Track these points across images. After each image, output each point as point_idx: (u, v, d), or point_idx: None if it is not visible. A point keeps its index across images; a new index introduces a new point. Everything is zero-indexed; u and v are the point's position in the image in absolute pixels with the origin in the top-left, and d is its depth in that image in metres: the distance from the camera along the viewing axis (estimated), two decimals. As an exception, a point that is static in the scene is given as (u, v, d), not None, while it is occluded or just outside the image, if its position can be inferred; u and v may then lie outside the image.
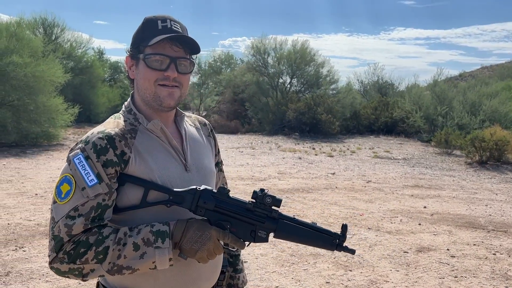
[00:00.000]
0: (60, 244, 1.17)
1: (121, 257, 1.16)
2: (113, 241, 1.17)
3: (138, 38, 1.31)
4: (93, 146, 1.21)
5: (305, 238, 1.29)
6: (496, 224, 5.90)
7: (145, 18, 1.33)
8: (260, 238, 1.27)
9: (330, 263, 4.31)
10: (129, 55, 1.33)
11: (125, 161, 1.23)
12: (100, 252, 1.16)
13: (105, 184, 1.20)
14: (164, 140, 1.33)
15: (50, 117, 12.95)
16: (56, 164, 9.60)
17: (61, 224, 1.17)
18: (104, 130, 1.25)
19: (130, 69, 1.34)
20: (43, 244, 4.54)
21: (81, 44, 23.33)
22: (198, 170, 1.38)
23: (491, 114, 16.46)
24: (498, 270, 4.27)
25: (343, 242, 1.31)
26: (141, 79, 1.30)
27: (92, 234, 1.18)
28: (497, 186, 8.72)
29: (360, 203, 6.88)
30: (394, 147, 14.91)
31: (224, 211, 1.26)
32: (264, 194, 1.26)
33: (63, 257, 1.17)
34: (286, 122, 18.17)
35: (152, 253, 1.17)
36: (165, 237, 1.18)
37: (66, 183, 1.20)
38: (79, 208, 1.18)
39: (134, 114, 1.33)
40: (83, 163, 1.19)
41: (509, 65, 55.91)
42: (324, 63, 21.04)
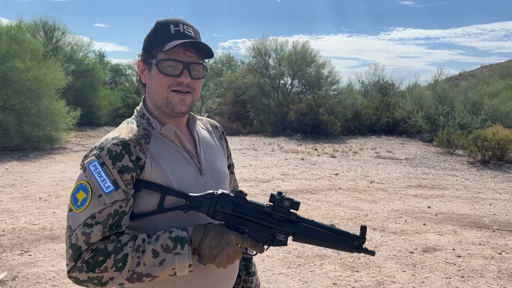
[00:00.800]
0: (78, 252, 1.15)
1: (141, 265, 1.15)
2: (132, 248, 1.16)
3: (150, 42, 1.30)
4: (108, 152, 1.20)
5: (324, 240, 1.29)
6: (501, 223, 5.89)
7: (157, 21, 1.31)
8: (279, 241, 1.26)
9: (337, 264, 4.31)
10: (141, 59, 1.32)
11: (140, 167, 1.22)
12: (119, 260, 1.15)
13: (122, 191, 1.19)
14: (178, 144, 1.32)
15: (52, 121, 12.97)
16: (59, 168, 9.61)
17: (79, 232, 1.15)
18: (119, 136, 1.24)
19: (142, 74, 1.33)
20: (48, 248, 4.55)
21: (82, 47, 23.36)
22: (212, 173, 1.38)
23: (492, 114, 16.46)
24: (504, 269, 4.26)
25: (362, 243, 1.29)
26: (153, 85, 1.29)
27: (110, 242, 1.16)
28: (500, 185, 8.70)
29: (364, 204, 6.87)
30: (396, 147, 14.90)
31: (242, 215, 1.25)
32: (282, 197, 1.25)
33: (81, 266, 1.15)
34: (288, 123, 18.18)
35: (172, 259, 1.16)
36: (184, 243, 1.17)
37: (82, 190, 1.18)
38: (96, 216, 1.16)
39: (147, 119, 1.32)
40: (99, 169, 1.18)
41: (509, 64, 55.86)
42: (325, 64, 21.05)
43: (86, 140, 15.35)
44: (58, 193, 7.06)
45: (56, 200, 6.60)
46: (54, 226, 5.28)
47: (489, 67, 62.23)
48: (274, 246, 1.27)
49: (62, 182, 7.99)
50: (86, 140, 15.35)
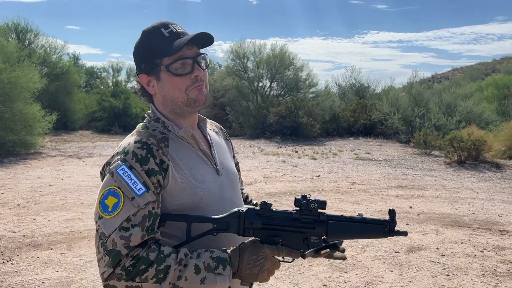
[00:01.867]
0: (117, 258, 1.11)
1: (182, 279, 1.13)
2: (175, 260, 1.13)
3: (148, 53, 1.28)
4: (134, 155, 1.19)
5: (357, 233, 1.29)
6: (480, 222, 6.05)
7: (143, 32, 1.31)
8: (313, 243, 1.26)
9: (325, 265, 4.34)
10: (144, 72, 1.30)
11: (164, 170, 1.22)
12: (161, 271, 1.12)
13: (152, 192, 1.17)
14: (194, 146, 1.33)
15: (27, 125, 12.63)
16: (35, 173, 9.36)
17: (115, 237, 1.12)
18: (141, 140, 1.23)
19: (148, 86, 1.31)
20: (31, 256, 4.42)
21: (55, 50, 22.88)
22: (227, 173, 1.39)
23: (466, 115, 16.92)
24: (487, 267, 4.38)
25: (394, 227, 1.29)
26: (170, 90, 1.28)
27: (152, 251, 1.13)
28: (477, 185, 8.95)
29: (347, 205, 6.95)
30: (374, 148, 15.14)
31: (272, 226, 1.24)
32: (308, 200, 1.25)
33: (121, 273, 1.11)
34: (267, 126, 18.23)
35: (213, 279, 1.14)
36: (226, 264, 1.16)
37: (112, 196, 1.16)
38: (132, 219, 1.13)
39: (163, 123, 1.32)
40: (128, 172, 1.16)
41: (478, 66, 57.66)
42: (303, 66, 21.22)
43: (62, 145, 15.01)
44: (36, 199, 6.88)
45: (35, 207, 6.42)
46: (35, 233, 5.13)
47: (460, 69, 64.01)
48: (310, 249, 1.26)
49: (40, 188, 7.78)
50: (62, 145, 15.01)
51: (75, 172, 9.55)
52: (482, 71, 50.26)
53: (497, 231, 5.63)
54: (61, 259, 4.38)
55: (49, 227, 5.42)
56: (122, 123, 20.83)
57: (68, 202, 6.77)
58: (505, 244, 5.09)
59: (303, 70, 21.15)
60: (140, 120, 10.55)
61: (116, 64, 30.91)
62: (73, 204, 6.65)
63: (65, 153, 12.85)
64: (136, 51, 1.31)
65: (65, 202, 6.77)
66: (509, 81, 24.53)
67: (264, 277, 1.19)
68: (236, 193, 1.43)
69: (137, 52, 1.31)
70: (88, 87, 28.67)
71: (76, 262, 4.31)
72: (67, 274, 4.02)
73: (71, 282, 3.85)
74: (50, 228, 5.36)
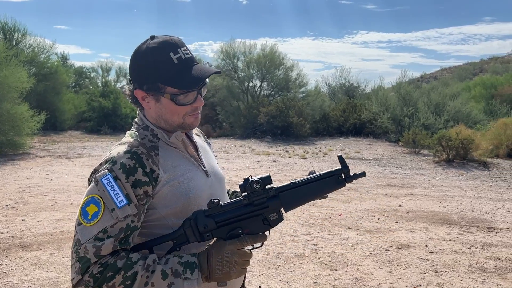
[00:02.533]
0: (86, 265, 1.12)
1: (149, 285, 1.13)
2: (142, 267, 1.14)
3: (153, 74, 1.25)
4: (121, 166, 1.18)
5: (313, 193, 1.26)
6: (468, 219, 6.13)
7: (149, 48, 1.25)
8: (274, 221, 1.25)
9: (316, 263, 4.37)
10: (143, 89, 1.28)
11: (155, 178, 1.22)
12: (128, 278, 1.12)
13: (134, 205, 1.18)
14: (183, 150, 1.34)
15: (15, 125, 12.50)
16: (24, 174, 9.27)
17: (88, 246, 1.13)
18: (131, 150, 1.22)
19: (143, 101, 1.30)
20: (20, 257, 4.38)
21: (43, 50, 22.64)
22: (214, 174, 1.41)
23: (454, 114, 17.12)
24: (475, 263, 4.44)
25: (349, 172, 1.25)
26: (167, 113, 1.29)
27: (120, 258, 1.14)
28: (465, 183, 9.06)
29: (338, 204, 6.99)
30: (364, 148, 15.24)
31: (227, 221, 1.23)
32: (251, 182, 1.22)
33: (88, 281, 1.12)
34: (258, 125, 18.25)
35: (181, 284, 1.15)
36: (193, 268, 1.17)
37: (93, 204, 1.17)
38: (108, 230, 1.14)
39: (152, 131, 1.32)
40: (112, 183, 1.16)
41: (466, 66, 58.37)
42: (293, 66, 21.29)
43: (51, 145, 14.88)
44: (25, 200, 6.82)
45: (24, 208, 6.36)
46: (24, 234, 5.09)
47: (448, 69, 64.74)
48: (273, 228, 1.25)
49: (28, 188, 7.71)
50: (51, 145, 14.88)
51: (64, 173, 9.47)
52: (470, 71, 50.91)
53: (484, 228, 5.72)
54: (51, 259, 4.36)
55: (38, 227, 5.38)
56: (112, 123, 20.71)
57: (57, 202, 6.72)
58: (492, 241, 5.17)
59: (293, 70, 21.24)
60: (130, 120, 10.57)
61: (105, 64, 30.73)
62: (63, 204, 6.60)
63: (54, 153, 12.74)
64: (138, 64, 1.27)
65: (54, 202, 6.72)
66: (496, 81, 24.86)
67: (238, 272, 1.20)
68: (224, 192, 1.46)
69: (139, 67, 1.27)
70: (77, 87, 28.45)
71: (66, 262, 4.28)
72: (56, 274, 4.00)
73: (61, 282, 3.83)
74: (39, 229, 5.32)
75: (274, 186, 1.24)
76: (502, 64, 46.86)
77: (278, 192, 1.24)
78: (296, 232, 5.39)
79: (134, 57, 1.29)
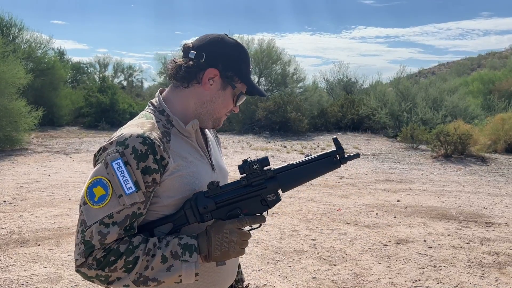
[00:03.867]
0: (90, 250, 1.14)
1: (149, 268, 1.15)
2: (143, 251, 1.15)
3: (235, 66, 1.31)
4: (133, 151, 1.16)
5: (310, 174, 1.30)
6: (466, 214, 6.15)
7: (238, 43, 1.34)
8: (272, 201, 1.27)
9: (314, 258, 4.37)
10: (220, 72, 1.29)
11: (163, 166, 1.21)
12: (129, 262, 1.14)
13: (142, 193, 1.17)
14: (193, 140, 1.33)
15: (13, 121, 12.43)
16: (22, 170, 9.24)
17: (94, 230, 1.14)
18: (144, 134, 1.19)
19: (207, 80, 1.29)
20: (18, 253, 4.37)
21: (40, 45, 22.48)
22: (220, 169, 1.41)
23: (452, 109, 17.13)
24: (473, 258, 4.45)
25: (343, 154, 1.31)
26: (221, 103, 1.32)
27: (123, 243, 1.16)
28: (463, 178, 9.08)
29: (336, 199, 7.00)
30: (362, 143, 15.25)
31: (226, 202, 1.25)
32: (249, 163, 1.25)
33: (92, 263, 1.14)
34: (256, 121, 18.23)
35: (179, 266, 1.16)
36: (192, 251, 1.17)
37: (101, 186, 1.16)
38: (114, 216, 1.15)
39: (167, 116, 1.30)
40: (122, 169, 1.15)
41: (464, 61, 58.44)
42: (291, 62, 21.25)
43: (49, 141, 14.82)
44: (23, 196, 6.80)
45: (22, 203, 6.34)
46: (22, 230, 5.08)
47: (446, 64, 64.78)
48: (271, 208, 1.28)
49: (26, 184, 7.69)
50: (49, 141, 14.82)
51: (62, 168, 9.45)
52: (468, 66, 50.94)
53: (482, 223, 5.73)
54: (49, 255, 4.35)
55: (36, 223, 5.37)
56: (109, 118, 20.63)
57: (55, 198, 6.71)
58: (490, 236, 5.19)
59: (291, 65, 21.21)
60: (128, 115, 10.44)
61: (102, 59, 30.65)
62: (61, 200, 6.59)
63: (52, 149, 12.70)
64: (226, 52, 1.30)
65: (52, 198, 6.70)
66: (494, 76, 24.88)
67: (236, 251, 1.21)
68: None
69: (226, 53, 1.30)
70: (75, 82, 28.33)
71: (65, 258, 4.27)
72: (55, 270, 3.99)
73: (60, 278, 3.82)
74: (37, 224, 5.31)
75: (272, 168, 1.27)
76: (500, 59, 46.89)
77: (276, 173, 1.28)
78: (295, 228, 5.39)
79: (221, 43, 1.30)
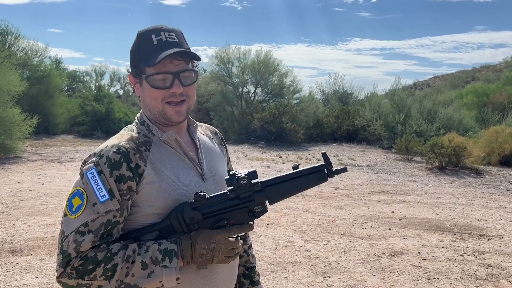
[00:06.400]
0: (67, 259, 1.15)
1: (129, 275, 1.15)
2: (122, 258, 1.15)
3: (136, 56, 1.29)
4: (107, 160, 1.19)
5: (297, 188, 1.31)
6: (461, 226, 6.16)
7: (138, 32, 1.31)
8: (259, 212, 1.28)
9: (309, 270, 4.35)
10: (131, 74, 1.31)
11: (139, 174, 1.21)
12: (108, 269, 1.14)
13: (117, 201, 1.18)
14: (179, 151, 1.32)
15: (7, 129, 12.38)
16: (15, 178, 9.18)
17: (71, 239, 1.15)
18: (119, 144, 1.22)
19: (135, 87, 1.33)
20: (10, 262, 4.33)
21: (37, 53, 22.49)
22: (214, 179, 1.37)
23: (446, 122, 17.22)
24: (467, 270, 4.45)
25: (331, 168, 1.31)
26: (148, 98, 1.29)
27: (100, 251, 1.16)
28: (457, 190, 9.11)
29: (331, 210, 6.99)
30: (357, 154, 15.27)
31: (213, 213, 1.25)
32: (238, 178, 1.24)
33: (71, 273, 1.15)
34: (252, 131, 18.25)
35: (160, 272, 1.16)
36: (172, 256, 1.17)
37: (78, 197, 1.18)
38: (89, 224, 1.16)
39: (147, 126, 1.32)
40: (96, 178, 1.17)
41: (459, 74, 58.89)
42: (288, 73, 21.34)
43: (43, 149, 14.75)
44: (16, 204, 6.75)
45: (14, 212, 6.29)
46: (14, 239, 5.03)
47: (441, 77, 65.26)
48: (257, 218, 1.28)
49: (20, 193, 7.63)
50: (43, 149, 14.75)
51: (56, 177, 9.39)
52: (462, 79, 51.31)
53: (476, 235, 5.74)
54: (41, 264, 4.30)
55: (29, 232, 5.32)
56: (105, 127, 20.58)
57: (49, 207, 6.66)
58: (484, 248, 5.19)
59: (288, 76, 21.29)
60: (123, 125, 10.37)
61: (99, 68, 30.66)
62: (54, 209, 6.54)
63: (46, 157, 12.64)
64: (130, 51, 1.32)
65: (45, 207, 6.65)
66: (488, 89, 25.06)
67: (220, 260, 1.21)
68: None
69: (130, 52, 1.32)
70: (70, 91, 28.30)
71: (57, 268, 4.23)
72: (47, 280, 3.95)
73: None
74: (30, 234, 5.26)
75: (259, 181, 1.27)
76: (494, 73, 47.31)
77: (264, 186, 1.28)
78: (289, 239, 5.37)
79: (132, 46, 1.32)
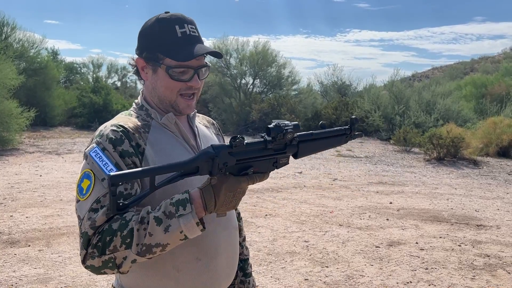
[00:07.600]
0: (87, 239, 1.12)
1: (147, 236, 1.09)
2: (136, 221, 1.10)
3: (155, 42, 1.26)
4: (108, 138, 1.19)
5: (323, 147, 1.35)
6: (458, 217, 6.17)
7: (158, 19, 1.27)
8: (282, 164, 1.24)
9: (307, 260, 4.36)
10: (143, 57, 1.28)
11: (141, 153, 1.21)
12: (126, 236, 1.09)
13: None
14: (178, 135, 1.32)
15: (4, 121, 12.32)
16: (13, 170, 9.16)
17: (85, 219, 1.13)
18: (117, 123, 1.23)
19: (142, 71, 1.31)
20: (8, 253, 4.33)
21: (33, 44, 22.32)
22: None
23: (444, 113, 17.23)
24: (464, 260, 4.47)
25: (354, 133, 1.41)
26: (161, 87, 1.28)
27: (114, 221, 1.12)
28: (455, 181, 9.12)
29: (329, 201, 7.00)
30: (356, 145, 15.27)
31: (246, 161, 1.17)
32: (285, 132, 1.19)
33: (92, 252, 1.11)
34: (250, 122, 18.23)
35: (177, 223, 1.09)
36: (185, 203, 1.10)
37: (86, 178, 1.16)
38: (101, 200, 1.13)
39: (146, 110, 1.32)
40: (100, 154, 1.16)
41: (457, 65, 58.82)
42: (286, 64, 21.28)
43: (41, 141, 14.72)
44: (14, 196, 6.73)
45: (12, 203, 6.28)
46: (12, 230, 5.03)
47: (440, 68, 65.17)
48: (277, 169, 1.24)
49: (17, 184, 7.62)
50: (41, 141, 14.72)
51: (54, 169, 9.38)
52: (461, 70, 51.27)
53: (474, 225, 5.76)
54: (39, 256, 4.30)
55: (26, 223, 5.32)
56: (103, 119, 20.48)
57: (46, 198, 6.65)
58: (481, 238, 5.21)
59: (286, 68, 21.24)
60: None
61: (96, 60, 30.48)
62: (52, 200, 6.53)
63: (44, 149, 12.61)
64: (144, 33, 1.29)
65: (43, 198, 6.64)
66: (486, 80, 25.04)
67: (236, 205, 1.18)
68: None
69: (144, 35, 1.29)
70: (68, 82, 28.15)
71: (55, 258, 4.23)
72: (45, 271, 3.95)
73: (50, 279, 3.78)
74: (28, 225, 5.26)
75: (296, 135, 1.25)
76: (493, 64, 47.25)
77: (299, 141, 1.26)
78: (287, 229, 5.38)
79: (142, 27, 1.31)
